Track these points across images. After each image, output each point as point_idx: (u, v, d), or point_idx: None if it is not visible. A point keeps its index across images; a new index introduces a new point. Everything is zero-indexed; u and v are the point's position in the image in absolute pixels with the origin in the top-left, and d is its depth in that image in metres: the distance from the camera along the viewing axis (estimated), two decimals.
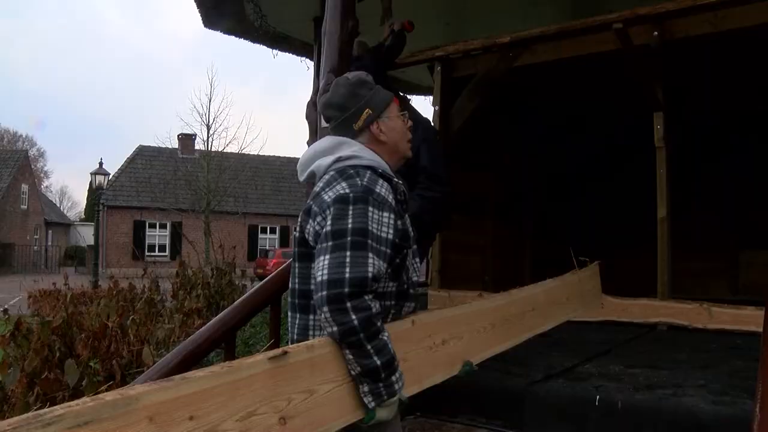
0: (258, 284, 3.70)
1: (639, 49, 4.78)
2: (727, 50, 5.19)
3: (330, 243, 1.80)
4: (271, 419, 1.57)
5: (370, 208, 1.84)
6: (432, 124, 5.92)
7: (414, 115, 6.32)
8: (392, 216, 1.90)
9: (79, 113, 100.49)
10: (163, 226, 31.82)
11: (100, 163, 19.61)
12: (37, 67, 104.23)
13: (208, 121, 29.23)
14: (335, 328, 1.74)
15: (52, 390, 3.95)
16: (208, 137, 29.54)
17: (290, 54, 7.75)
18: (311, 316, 1.94)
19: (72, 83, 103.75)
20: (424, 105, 10.02)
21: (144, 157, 33.37)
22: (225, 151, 29.86)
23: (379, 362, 1.77)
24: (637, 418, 2.77)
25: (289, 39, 7.38)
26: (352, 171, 1.94)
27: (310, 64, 7.22)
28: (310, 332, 1.94)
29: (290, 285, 2.03)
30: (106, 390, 2.49)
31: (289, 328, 2.03)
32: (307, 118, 6.60)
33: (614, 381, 3.14)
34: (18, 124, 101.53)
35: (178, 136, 32.52)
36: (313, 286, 1.84)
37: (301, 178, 2.13)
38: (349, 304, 1.73)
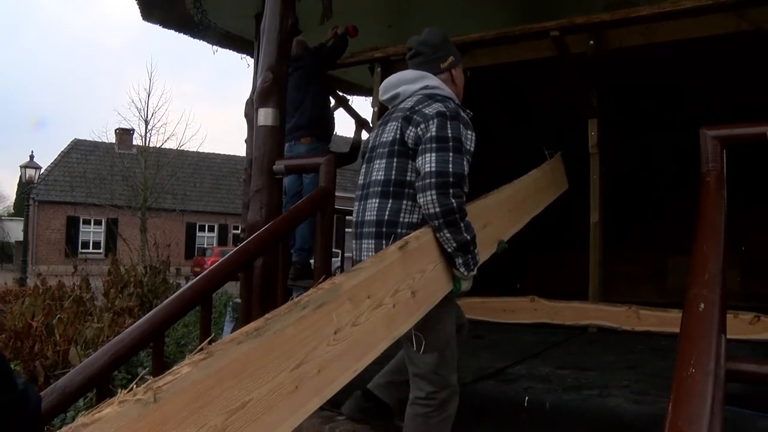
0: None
1: (575, 57, 4.88)
2: (657, 61, 5.35)
3: (435, 144, 2.26)
4: (407, 293, 2.10)
5: (462, 127, 2.32)
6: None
7: (356, 117, 6.35)
8: (473, 135, 2.37)
9: (7, 102, 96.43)
10: (97, 223, 30.89)
11: (31, 156, 18.87)
12: None
13: (147, 116, 28.64)
14: (438, 209, 2.22)
15: None
16: (146, 133, 28.94)
17: (231, 51, 7.64)
18: (404, 201, 2.37)
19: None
20: (364, 105, 10.00)
21: (79, 151, 32.35)
22: (163, 147, 29.28)
23: (469, 237, 2.28)
24: (563, 419, 2.82)
25: (230, 35, 7.28)
26: (440, 97, 2.41)
27: (251, 61, 7.14)
28: (401, 215, 2.37)
29: (381, 176, 2.43)
30: None
31: (372, 212, 2.43)
32: (246, 116, 6.53)
33: (543, 382, 3.19)
34: None
35: (115, 130, 31.77)
36: (411, 178, 2.35)
37: (384, 97, 2.61)
38: (451, 191, 2.21)
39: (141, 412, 1.22)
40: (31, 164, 19.03)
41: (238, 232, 14.34)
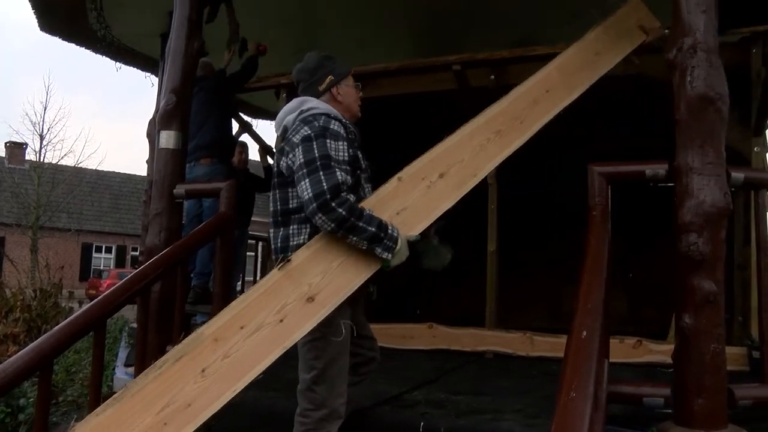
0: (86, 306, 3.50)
1: (476, 91, 5.07)
2: None
3: (305, 170, 2.37)
4: (300, 303, 2.25)
5: (328, 140, 2.43)
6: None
7: (259, 141, 6.32)
8: (344, 144, 2.48)
9: None
10: None
11: None
12: None
13: (42, 131, 27.42)
14: (332, 225, 2.33)
15: None
16: (40, 148, 27.73)
17: (135, 68, 7.45)
18: (291, 227, 2.52)
19: None
20: (270, 130, 9.93)
21: None
22: (59, 163, 28.06)
23: (374, 228, 2.38)
24: None
25: (135, 53, 7.08)
26: (311, 118, 2.53)
27: (155, 80, 7.00)
28: (290, 240, 2.51)
29: (272, 207, 2.61)
30: None
31: (272, 241, 2.60)
32: (148, 136, 6.37)
33: (439, 408, 3.25)
34: None
35: (5, 143, 30.22)
36: (294, 206, 2.50)
37: (278, 132, 2.73)
38: (333, 204, 2.30)
39: None
40: None
41: (137, 253, 13.90)
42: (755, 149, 4.62)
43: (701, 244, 2.57)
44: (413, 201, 2.71)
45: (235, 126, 6.26)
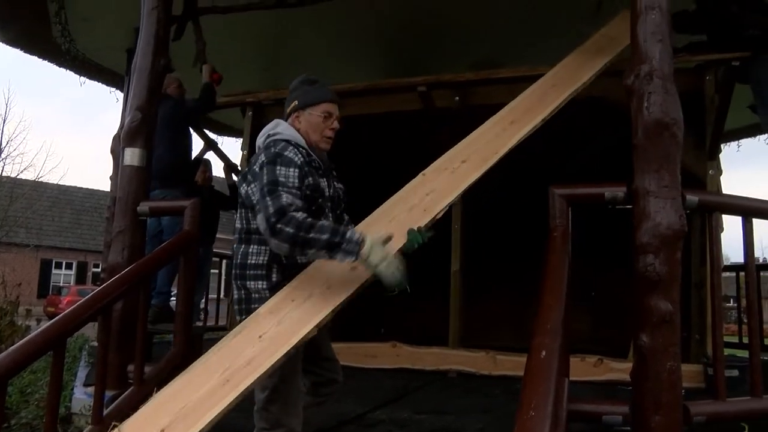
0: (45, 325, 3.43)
1: (441, 111, 5.15)
2: None
3: (258, 197, 2.45)
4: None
5: (278, 167, 2.47)
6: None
7: (224, 159, 6.29)
8: (296, 171, 2.49)
9: None
10: None
11: None
12: None
13: (0, 144, 26.85)
14: (286, 245, 2.37)
15: None
16: None
17: (100, 83, 7.37)
18: (252, 246, 2.56)
19: None
20: (235, 147, 9.82)
21: None
22: (19, 177, 27.50)
23: (326, 236, 2.36)
24: None
25: (100, 67, 7.00)
26: (272, 143, 2.59)
27: (120, 95, 6.93)
28: (249, 258, 2.56)
29: (238, 225, 2.65)
30: None
31: (234, 255, 2.64)
32: (112, 152, 6.29)
33: (402, 427, 3.27)
34: None
35: None
36: (255, 226, 2.50)
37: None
38: (279, 225, 2.34)
39: None
40: None
41: (99, 270, 13.63)
42: (710, 172, 4.77)
43: (658, 265, 2.64)
44: (439, 184, 3.05)
45: (200, 144, 6.22)
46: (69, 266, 31.94)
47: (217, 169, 6.50)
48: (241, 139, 6.12)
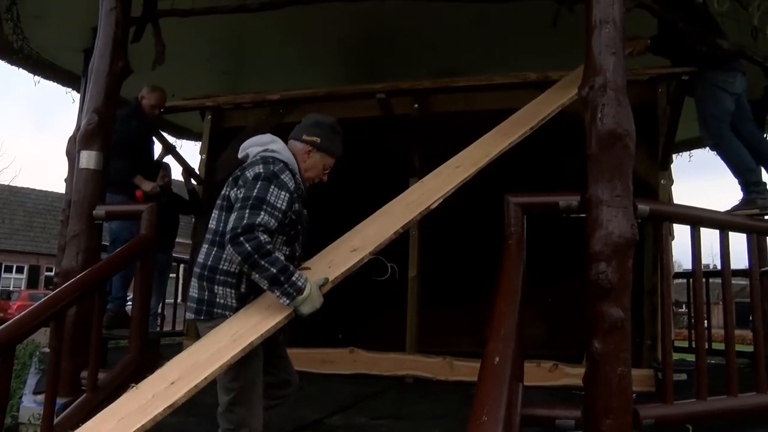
0: None
1: (400, 118, 5.18)
2: (477, 126, 5.79)
3: (239, 204, 2.49)
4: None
5: (272, 187, 2.53)
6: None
7: (182, 164, 6.21)
8: (288, 196, 2.57)
9: None
10: None
11: None
12: None
13: None
14: (239, 258, 2.40)
15: None
16: None
17: (55, 83, 7.21)
18: (226, 251, 2.51)
19: None
20: (194, 151, 9.57)
21: None
22: None
23: (275, 270, 2.40)
24: None
25: (55, 67, 6.86)
26: (270, 160, 2.64)
27: (77, 96, 6.80)
28: (221, 263, 2.58)
29: (212, 225, 2.68)
30: None
31: (201, 256, 2.66)
32: (67, 154, 6.17)
33: None
34: None
35: None
36: None
37: (240, 156, 2.84)
38: (242, 238, 2.39)
39: None
40: None
41: (52, 274, 13.32)
42: (662, 182, 4.90)
43: (610, 272, 2.71)
44: (435, 185, 3.30)
45: (159, 147, 6.14)
46: (20, 270, 31.09)
47: (176, 173, 6.43)
48: (200, 143, 6.07)
